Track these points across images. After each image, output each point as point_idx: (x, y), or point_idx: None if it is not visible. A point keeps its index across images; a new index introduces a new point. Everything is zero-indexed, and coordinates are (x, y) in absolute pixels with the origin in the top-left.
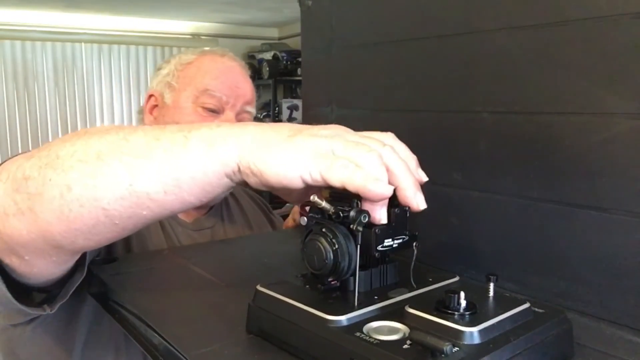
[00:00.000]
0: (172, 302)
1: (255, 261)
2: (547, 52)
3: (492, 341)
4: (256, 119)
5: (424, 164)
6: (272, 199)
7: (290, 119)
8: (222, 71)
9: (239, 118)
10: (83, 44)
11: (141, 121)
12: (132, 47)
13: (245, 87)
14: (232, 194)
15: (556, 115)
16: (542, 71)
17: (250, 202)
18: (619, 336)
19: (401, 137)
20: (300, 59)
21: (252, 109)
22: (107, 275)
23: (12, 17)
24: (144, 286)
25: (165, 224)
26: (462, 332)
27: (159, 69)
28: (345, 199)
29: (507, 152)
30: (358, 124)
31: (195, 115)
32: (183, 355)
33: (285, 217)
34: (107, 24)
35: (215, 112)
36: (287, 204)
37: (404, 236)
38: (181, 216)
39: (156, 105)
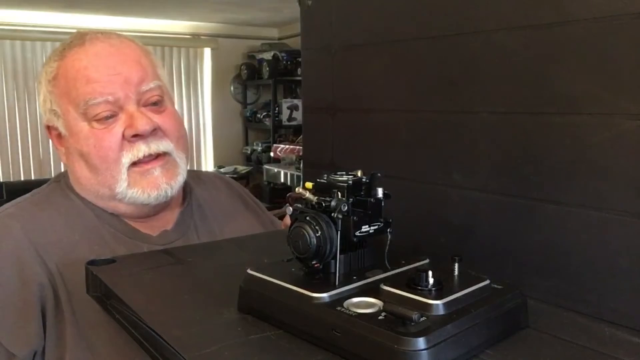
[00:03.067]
0: (171, 303)
1: (256, 261)
2: (547, 52)
3: (456, 312)
4: (256, 119)
5: (424, 164)
6: (272, 199)
7: (290, 119)
8: (90, 68)
9: (146, 100)
10: None
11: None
12: None
13: (126, 66)
14: (202, 191)
15: (556, 115)
16: (542, 71)
17: (227, 193)
18: (619, 336)
19: (401, 137)
20: (300, 59)
21: (153, 83)
22: (107, 276)
23: (12, 17)
24: (143, 287)
25: (129, 245)
26: (429, 304)
27: (38, 94)
28: (326, 190)
29: (507, 152)
30: (358, 124)
31: (94, 136)
32: (183, 357)
33: (282, 217)
34: (106, 24)
35: (113, 116)
36: (286, 205)
37: (379, 223)
38: (144, 230)
39: (60, 134)
